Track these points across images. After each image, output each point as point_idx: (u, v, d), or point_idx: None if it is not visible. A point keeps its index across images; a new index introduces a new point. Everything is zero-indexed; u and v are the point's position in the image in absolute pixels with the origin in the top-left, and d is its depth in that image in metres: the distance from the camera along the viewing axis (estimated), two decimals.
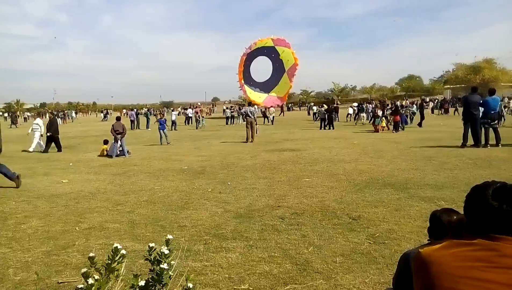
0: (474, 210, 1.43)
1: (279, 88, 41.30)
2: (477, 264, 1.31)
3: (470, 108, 12.08)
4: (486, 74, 49.50)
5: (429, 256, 1.40)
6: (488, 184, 1.43)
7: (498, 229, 1.35)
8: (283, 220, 5.48)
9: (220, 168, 10.09)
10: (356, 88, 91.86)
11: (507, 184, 1.41)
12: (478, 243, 1.35)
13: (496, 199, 1.36)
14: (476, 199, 1.43)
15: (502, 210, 1.34)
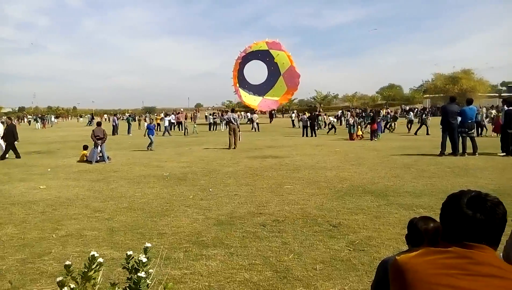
0: (449, 218, 1.46)
1: (274, 92, 40.66)
2: (451, 272, 1.33)
3: (448, 117, 12.36)
4: (464, 84, 50.79)
5: (405, 264, 1.42)
6: (463, 193, 1.46)
7: (472, 237, 1.38)
8: (265, 227, 5.48)
9: (202, 175, 10.03)
10: (338, 96, 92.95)
11: (481, 193, 1.44)
12: (452, 251, 1.38)
13: (471, 207, 1.39)
14: (451, 207, 1.46)
15: (476, 219, 1.37)
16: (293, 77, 40.05)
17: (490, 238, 1.38)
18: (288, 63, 39.42)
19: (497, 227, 1.38)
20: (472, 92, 49.08)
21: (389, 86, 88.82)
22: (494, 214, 1.37)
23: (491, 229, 1.38)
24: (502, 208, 1.40)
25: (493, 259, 1.35)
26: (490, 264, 1.33)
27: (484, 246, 1.37)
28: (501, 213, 1.39)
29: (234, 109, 24.17)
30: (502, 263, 1.38)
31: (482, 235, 1.38)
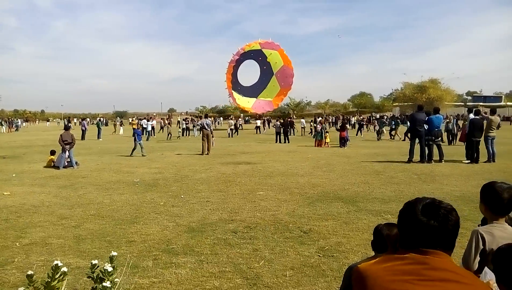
0: (405, 225, 1.50)
1: (267, 92, 39.92)
2: (408, 278, 1.37)
3: (416, 125, 12.74)
4: (431, 93, 52.52)
5: (365, 271, 1.45)
6: (418, 200, 1.51)
7: (428, 243, 1.42)
8: (236, 234, 5.47)
9: (173, 181, 9.92)
10: (311, 103, 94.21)
11: (435, 200, 1.49)
12: (409, 257, 1.42)
13: (425, 215, 1.44)
14: (407, 214, 1.50)
15: (430, 226, 1.41)
16: (286, 76, 39.29)
17: (444, 244, 1.43)
18: (281, 62, 38.59)
19: (451, 233, 1.43)
20: (439, 101, 50.80)
21: (360, 94, 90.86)
22: (447, 221, 1.42)
23: (445, 235, 1.42)
24: (455, 214, 1.46)
25: (448, 264, 1.40)
26: (445, 269, 1.38)
27: (440, 252, 1.41)
28: (454, 219, 1.44)
29: (207, 114, 24.04)
30: (457, 268, 1.43)
31: (437, 241, 1.42)
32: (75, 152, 13.59)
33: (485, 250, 2.38)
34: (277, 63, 38.66)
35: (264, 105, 40.47)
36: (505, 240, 2.37)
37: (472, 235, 2.44)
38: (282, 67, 38.77)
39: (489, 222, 2.50)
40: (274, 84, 39.63)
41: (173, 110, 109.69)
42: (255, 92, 40.48)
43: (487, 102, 62.04)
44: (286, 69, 38.95)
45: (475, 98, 71.17)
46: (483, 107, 40.56)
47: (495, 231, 2.40)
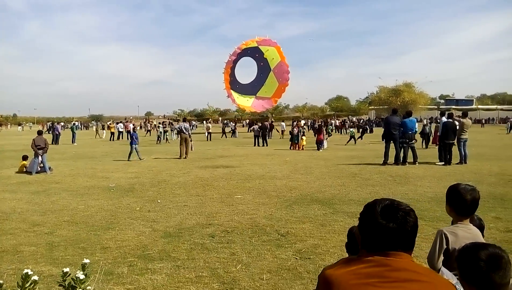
0: (366, 228, 1.52)
1: (266, 89, 38.93)
2: (371, 280, 1.40)
3: (390, 128, 13.00)
4: (405, 96, 53.69)
5: (331, 276, 1.47)
6: (377, 202, 1.53)
7: (388, 245, 1.45)
8: (213, 238, 5.44)
9: (150, 186, 9.80)
10: (289, 107, 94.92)
11: (394, 202, 1.52)
12: (372, 260, 1.45)
13: (384, 217, 1.46)
14: (366, 217, 1.52)
15: (388, 228, 1.44)
16: (283, 72, 38.42)
17: (404, 245, 1.46)
18: (278, 58, 37.70)
19: (410, 234, 1.46)
20: (413, 104, 51.94)
21: (337, 98, 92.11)
22: (405, 223, 1.45)
23: (404, 236, 1.45)
24: (413, 216, 1.49)
25: (409, 264, 1.44)
26: (406, 269, 1.41)
27: (400, 253, 1.45)
28: (412, 221, 1.47)
29: (185, 118, 23.84)
30: (418, 267, 1.47)
31: (397, 243, 1.45)
32: (48, 157, 13.25)
33: (449, 249, 2.45)
34: (274, 59, 37.70)
35: (264, 103, 39.32)
36: (469, 240, 2.45)
37: (437, 235, 2.52)
38: (279, 63, 37.84)
39: (454, 222, 2.58)
40: (272, 80, 38.66)
41: (150, 114, 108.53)
42: (254, 89, 39.29)
43: (459, 105, 64.04)
44: (283, 65, 37.98)
45: (448, 101, 73.33)
46: (456, 110, 41.74)
47: (459, 231, 2.48)
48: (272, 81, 38.53)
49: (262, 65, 38.78)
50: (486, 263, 1.62)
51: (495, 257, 1.64)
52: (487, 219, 6.11)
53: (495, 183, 9.34)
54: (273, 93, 39.54)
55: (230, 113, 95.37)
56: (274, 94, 39.77)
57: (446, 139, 13.06)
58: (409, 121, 13.19)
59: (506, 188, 8.71)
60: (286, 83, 39.28)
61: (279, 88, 39.45)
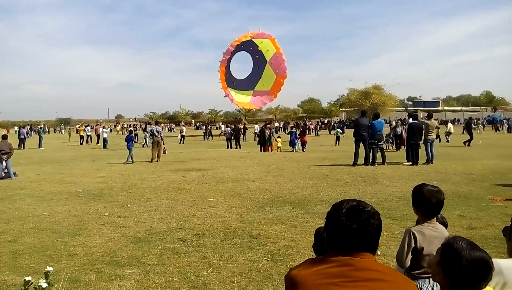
0: (331, 228, 1.55)
1: (263, 81, 37.19)
2: (335, 280, 1.42)
3: (359, 130, 13.27)
4: (375, 99, 54.81)
5: (296, 276, 1.49)
6: (344, 203, 1.56)
7: (352, 246, 1.48)
8: (184, 242, 5.39)
9: (120, 190, 9.60)
10: (262, 109, 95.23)
11: (360, 204, 1.55)
12: (336, 260, 1.48)
13: (348, 218, 1.49)
14: (332, 217, 1.55)
15: (352, 229, 1.47)
16: (280, 63, 36.71)
17: (367, 246, 1.49)
18: (273, 50, 36.13)
19: (373, 236, 1.49)
20: (382, 106, 53.11)
21: (309, 100, 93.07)
22: (369, 225, 1.48)
23: (367, 238, 1.48)
24: (377, 218, 1.52)
25: (372, 264, 1.48)
26: (369, 269, 1.45)
27: (364, 253, 1.48)
28: (375, 223, 1.50)
29: (158, 121, 23.60)
30: (381, 267, 1.51)
31: (360, 243, 1.48)
32: (13, 162, 12.77)
33: (417, 248, 2.52)
34: (269, 50, 36.09)
35: (263, 98, 37.54)
36: (436, 238, 2.53)
37: (405, 234, 2.59)
38: (275, 54, 36.19)
39: (421, 222, 2.66)
40: (269, 73, 36.86)
41: (120, 117, 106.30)
42: (251, 83, 37.07)
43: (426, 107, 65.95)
44: (279, 56, 36.41)
45: (416, 103, 75.37)
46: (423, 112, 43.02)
47: (426, 230, 2.56)
48: (269, 73, 36.76)
49: (258, 58, 37.00)
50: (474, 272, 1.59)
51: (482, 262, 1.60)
52: (451, 217, 6.34)
53: (459, 182, 9.69)
54: (271, 86, 37.78)
55: (203, 116, 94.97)
56: (273, 87, 38.02)
57: (412, 140, 13.45)
58: (377, 123, 13.50)
59: (470, 186, 9.05)
60: (284, 75, 37.59)
61: (277, 81, 37.72)
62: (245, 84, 37.91)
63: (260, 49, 35.96)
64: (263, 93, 37.88)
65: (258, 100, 38.11)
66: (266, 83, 37.47)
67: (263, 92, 37.78)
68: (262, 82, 37.13)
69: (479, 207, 7.02)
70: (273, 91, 38.12)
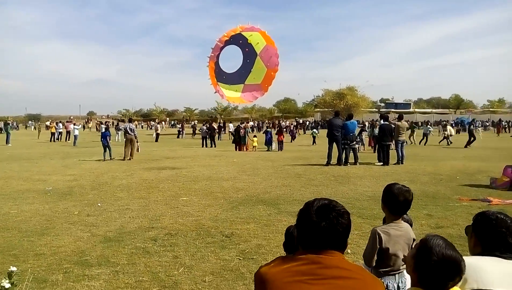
0: (301, 225, 1.57)
1: (254, 75, 36.01)
2: (303, 278, 1.45)
3: (333, 130, 13.46)
4: (349, 100, 55.77)
5: (265, 274, 1.51)
6: (316, 201, 1.58)
7: (321, 244, 1.51)
8: (156, 241, 5.33)
9: (90, 189, 9.39)
10: (238, 108, 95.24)
11: (331, 203, 1.57)
12: (305, 258, 1.50)
13: (318, 216, 1.52)
14: (303, 215, 1.58)
15: (321, 227, 1.50)
16: (271, 56, 35.63)
17: (336, 244, 1.52)
18: (263, 42, 35.04)
19: (341, 234, 1.53)
20: (356, 107, 54.11)
21: (284, 100, 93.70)
22: (337, 224, 1.51)
23: (336, 236, 1.51)
24: (347, 218, 1.55)
25: (340, 262, 1.51)
26: (337, 266, 1.48)
27: (333, 251, 1.51)
28: (344, 222, 1.53)
29: (131, 118, 23.17)
30: (349, 265, 1.54)
31: (329, 242, 1.51)
32: None
33: (382, 248, 2.59)
34: (259, 43, 35.01)
35: (254, 92, 36.37)
36: (401, 237, 2.62)
37: (371, 234, 2.65)
38: (265, 47, 35.14)
39: (387, 220, 2.73)
40: (260, 66, 35.70)
41: (92, 113, 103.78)
42: (241, 77, 35.88)
43: (398, 108, 67.57)
44: (270, 48, 35.39)
45: (388, 105, 77.10)
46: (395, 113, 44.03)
47: (391, 230, 2.63)
48: (259, 66, 35.68)
49: (248, 51, 35.88)
50: (441, 269, 1.63)
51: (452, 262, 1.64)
52: (419, 216, 6.54)
53: (428, 182, 9.99)
54: (262, 79, 36.64)
55: (178, 114, 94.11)
56: (264, 80, 36.87)
57: (382, 141, 13.75)
58: (350, 123, 13.73)
59: (438, 186, 9.33)
60: (275, 68, 36.63)
61: (268, 74, 36.62)
62: (236, 77, 36.56)
63: (250, 42, 34.63)
64: (254, 87, 36.97)
65: (249, 94, 37.30)
66: (256, 76, 36.52)
67: (254, 85, 36.75)
68: (253, 75, 35.87)
69: (446, 207, 7.25)
70: (264, 84, 37.24)
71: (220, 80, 35.14)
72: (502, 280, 1.77)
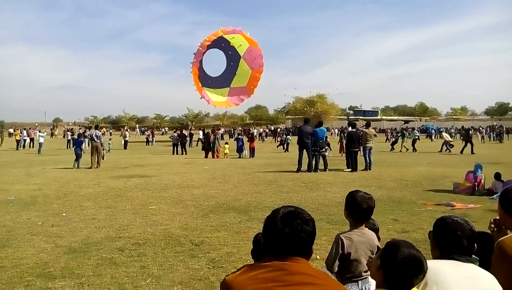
0: (267, 232, 1.59)
1: (239, 77, 35.10)
2: (269, 285, 1.46)
3: (303, 137, 13.63)
4: (319, 107, 56.72)
5: (231, 282, 1.51)
6: (282, 208, 1.61)
7: (286, 250, 1.53)
8: (123, 252, 5.21)
9: (55, 198, 9.08)
10: (210, 115, 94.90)
11: (297, 210, 1.60)
12: (271, 265, 1.51)
13: (283, 223, 1.54)
14: (269, 222, 1.60)
15: (285, 233, 1.52)
16: (255, 57, 34.89)
17: (301, 251, 1.54)
18: (246, 44, 34.35)
19: (306, 241, 1.55)
20: (326, 114, 55.09)
21: (256, 107, 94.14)
22: (302, 231, 1.53)
23: (300, 243, 1.53)
24: (311, 225, 1.57)
25: (306, 268, 1.53)
26: (303, 273, 1.50)
27: (298, 258, 1.53)
28: (309, 229, 1.55)
29: (98, 125, 22.59)
30: (313, 271, 1.56)
31: (293, 248, 1.53)
32: None
33: (344, 253, 2.64)
34: (241, 45, 34.27)
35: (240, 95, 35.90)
36: (363, 244, 2.67)
37: (334, 240, 2.70)
38: (248, 48, 34.37)
39: (351, 227, 2.78)
40: (244, 68, 34.86)
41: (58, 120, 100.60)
42: (226, 80, 34.63)
43: (366, 116, 69.24)
44: (253, 50, 34.62)
45: (356, 112, 78.87)
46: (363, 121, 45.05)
47: (354, 236, 2.68)
48: (244, 68, 34.89)
49: (231, 54, 35.21)
50: (406, 266, 1.70)
51: (416, 260, 1.71)
52: (386, 221, 6.70)
53: (394, 187, 10.26)
54: (247, 82, 35.85)
55: (148, 121, 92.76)
56: (249, 82, 36.03)
57: (350, 148, 14.04)
58: (319, 130, 13.95)
59: (404, 192, 9.60)
60: (260, 69, 35.97)
61: (253, 75, 35.82)
62: (221, 81, 35.73)
63: (233, 45, 34.02)
64: (239, 90, 36.22)
65: (235, 98, 36.55)
66: (241, 79, 35.79)
67: (239, 88, 35.61)
68: (238, 78, 35.12)
69: (412, 212, 7.46)
70: (249, 86, 36.53)
71: (205, 84, 34.47)
72: (459, 283, 1.84)
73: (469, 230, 1.98)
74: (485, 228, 4.90)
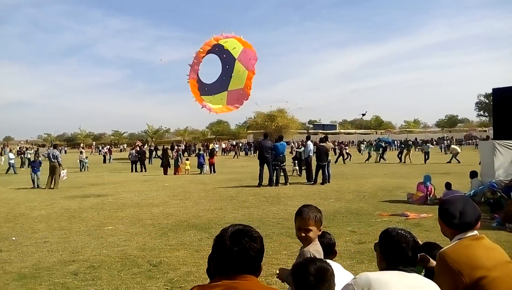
0: (216, 251, 1.61)
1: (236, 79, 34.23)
2: None
3: (263, 152, 13.75)
4: (279, 121, 57.42)
5: None
6: (231, 227, 1.63)
7: (235, 268, 1.55)
8: (76, 276, 5.00)
9: (4, 221, 8.59)
10: (170, 131, 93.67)
11: (245, 228, 1.62)
12: (220, 284, 1.52)
13: (231, 241, 1.56)
14: (217, 240, 1.61)
15: (233, 252, 1.55)
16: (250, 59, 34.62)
17: (249, 268, 1.57)
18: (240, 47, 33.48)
19: (254, 259, 1.58)
20: (286, 128, 55.82)
21: (217, 122, 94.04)
22: (250, 248, 1.56)
23: (248, 260, 1.56)
24: (259, 242, 1.61)
25: (254, 286, 1.55)
26: None
27: (247, 275, 1.55)
28: (257, 247, 1.58)
29: (56, 144, 21.54)
30: (263, 288, 1.59)
31: (242, 266, 1.55)
32: None
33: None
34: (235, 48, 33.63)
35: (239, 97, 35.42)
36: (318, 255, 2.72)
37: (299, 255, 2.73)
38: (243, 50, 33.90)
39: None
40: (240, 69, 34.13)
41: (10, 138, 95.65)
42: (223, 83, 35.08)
43: (325, 129, 71.01)
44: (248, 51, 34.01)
45: (316, 126, 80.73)
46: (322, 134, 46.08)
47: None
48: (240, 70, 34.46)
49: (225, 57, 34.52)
50: (314, 276, 1.80)
51: (322, 270, 1.83)
52: (344, 233, 6.86)
53: (352, 199, 10.53)
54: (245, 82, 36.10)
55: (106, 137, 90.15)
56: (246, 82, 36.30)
57: (320, 161, 14.17)
58: (280, 145, 14.13)
59: (361, 203, 9.87)
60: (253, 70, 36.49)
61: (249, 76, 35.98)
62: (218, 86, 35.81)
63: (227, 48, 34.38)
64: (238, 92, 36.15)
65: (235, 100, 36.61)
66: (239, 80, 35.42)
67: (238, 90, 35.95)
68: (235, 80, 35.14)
69: (369, 223, 7.69)
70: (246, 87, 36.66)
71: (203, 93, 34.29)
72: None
73: (413, 241, 2.08)
74: (437, 236, 5.15)
